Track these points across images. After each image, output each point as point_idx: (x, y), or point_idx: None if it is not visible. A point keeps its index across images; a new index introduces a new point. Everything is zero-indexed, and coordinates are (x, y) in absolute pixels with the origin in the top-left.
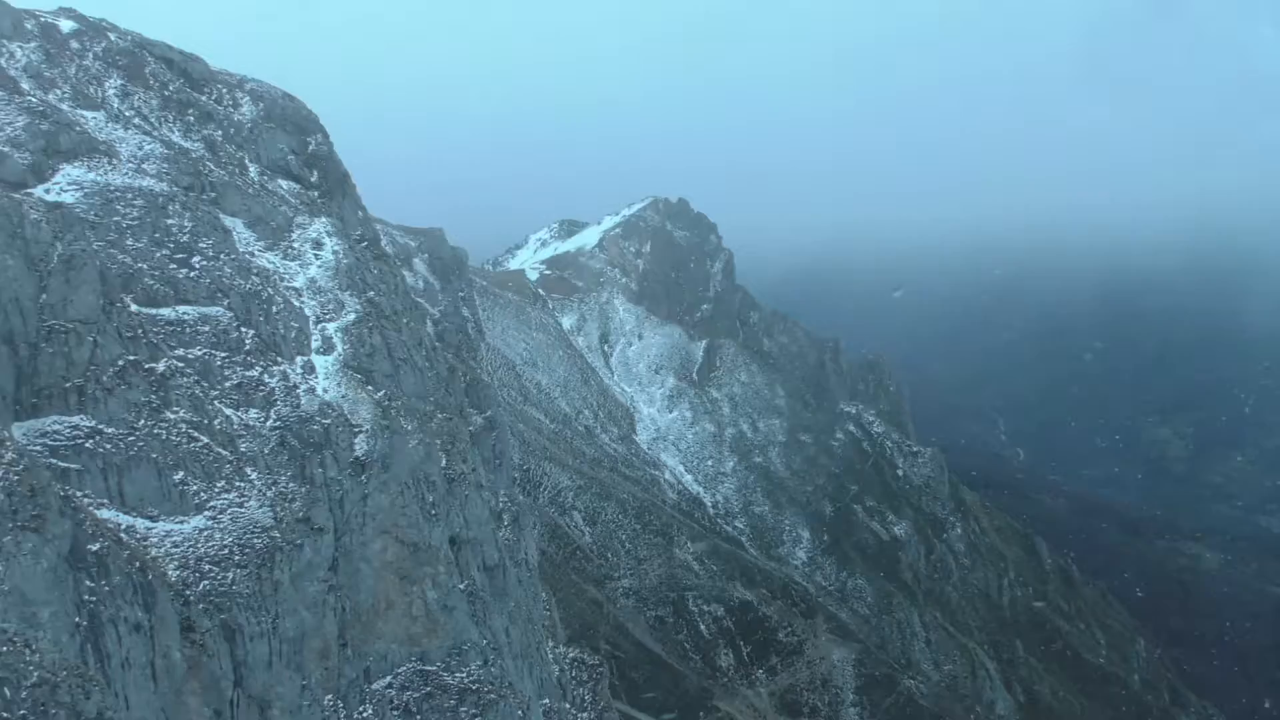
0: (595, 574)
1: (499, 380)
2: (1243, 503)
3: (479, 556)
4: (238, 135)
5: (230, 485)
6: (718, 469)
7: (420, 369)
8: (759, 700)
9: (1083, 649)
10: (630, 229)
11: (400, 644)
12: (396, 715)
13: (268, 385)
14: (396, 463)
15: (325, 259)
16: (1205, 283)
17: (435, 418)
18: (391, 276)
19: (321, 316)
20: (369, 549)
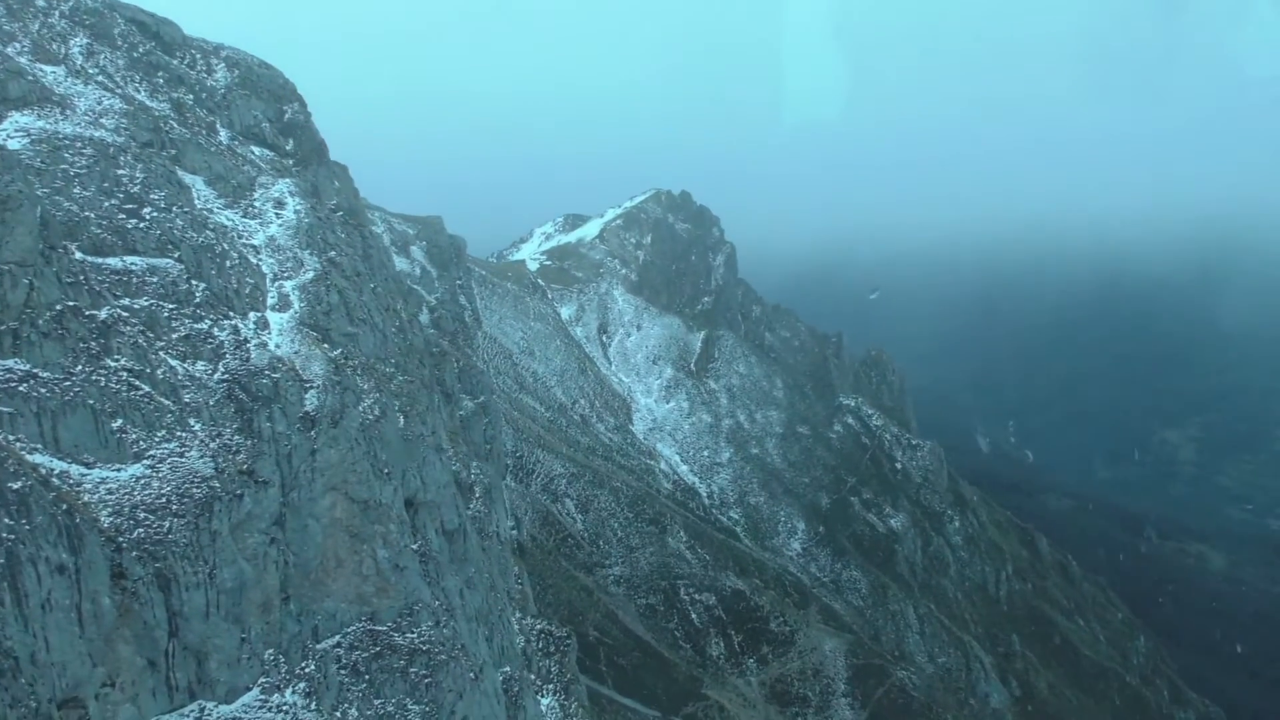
0: (586, 561)
1: (495, 368)
2: (1253, 505)
3: (437, 520)
4: (209, 100)
5: (171, 435)
6: (714, 459)
7: (382, 331)
8: (749, 689)
9: (1081, 644)
10: (631, 220)
11: (350, 603)
12: (344, 674)
13: (217, 338)
14: (347, 418)
15: (287, 218)
16: (1215, 284)
17: (395, 379)
18: (360, 241)
19: (279, 274)
20: (318, 505)
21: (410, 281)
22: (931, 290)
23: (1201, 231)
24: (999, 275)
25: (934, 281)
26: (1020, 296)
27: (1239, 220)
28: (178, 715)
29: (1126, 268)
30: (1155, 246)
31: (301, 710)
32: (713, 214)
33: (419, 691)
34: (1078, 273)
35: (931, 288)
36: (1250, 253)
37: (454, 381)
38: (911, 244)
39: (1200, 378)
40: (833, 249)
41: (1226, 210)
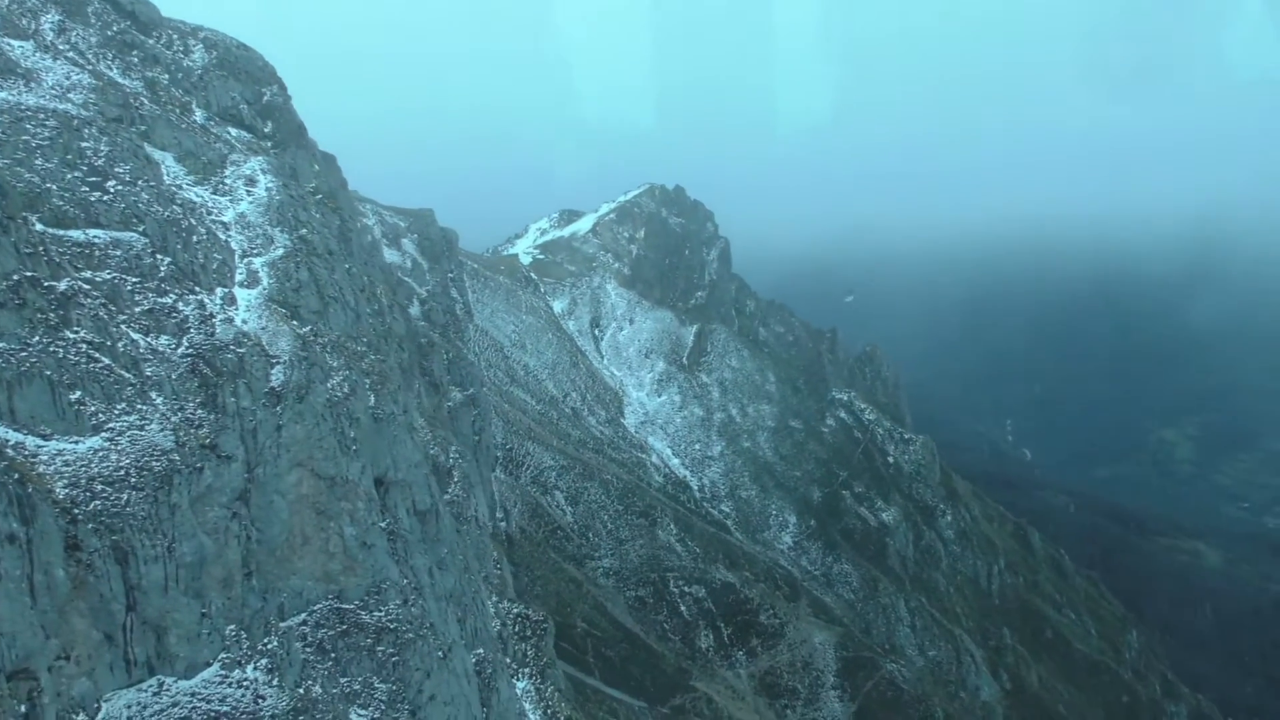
0: (575, 553)
1: (486, 361)
2: (1249, 504)
3: (408, 499)
4: (185, 80)
5: (131, 408)
6: (705, 453)
7: (355, 310)
8: (738, 682)
9: (1073, 638)
10: (624, 214)
11: (316, 580)
12: (310, 652)
13: (181, 313)
14: (314, 394)
15: (258, 195)
16: (1211, 282)
17: (367, 357)
18: (337, 224)
19: (249, 250)
20: (283, 481)
21: (401, 274)
22: (929, 290)
23: (1197, 230)
24: (997, 275)
25: (932, 281)
26: (1018, 296)
27: (1233, 219)
28: (136, 690)
29: (1123, 267)
30: (1151, 245)
31: (263, 686)
32: (706, 209)
33: (386, 670)
34: (1075, 272)
35: (929, 287)
36: (1244, 251)
37: (443, 372)
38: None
39: (1198, 376)
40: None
41: (1221, 209)
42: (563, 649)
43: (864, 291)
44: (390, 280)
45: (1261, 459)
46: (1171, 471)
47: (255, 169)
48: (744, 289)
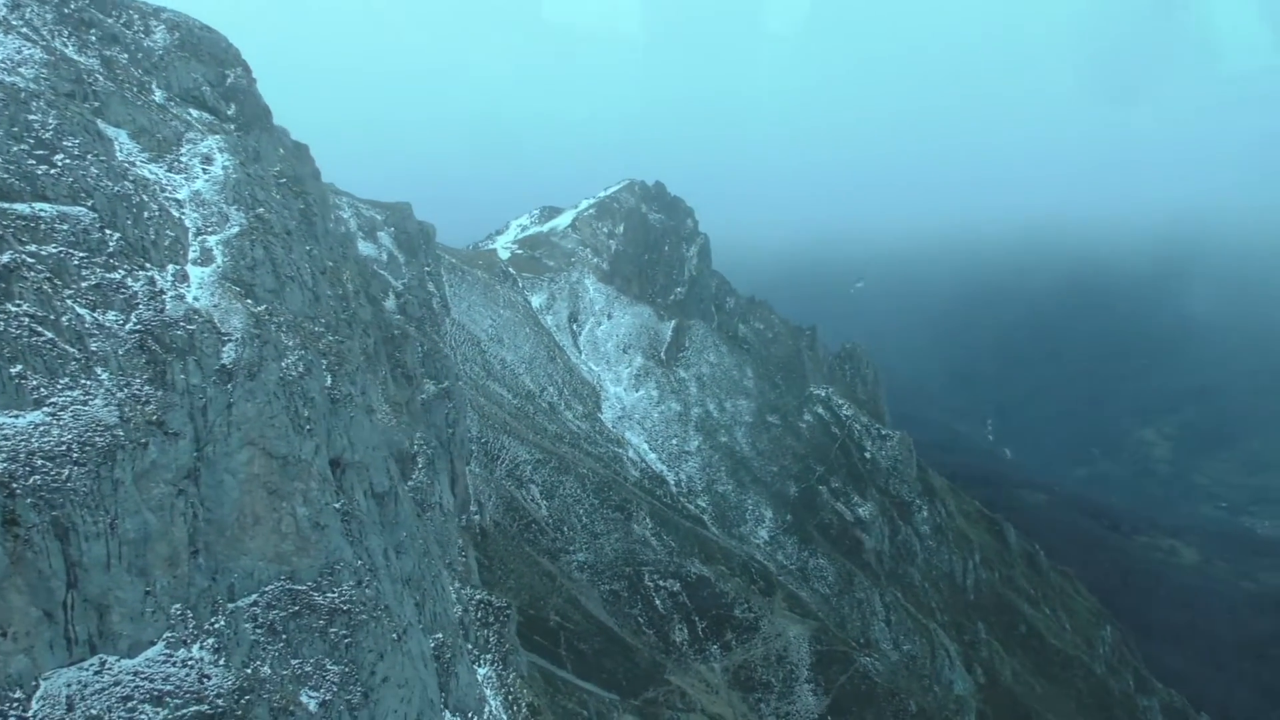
0: (550, 547)
1: (462, 355)
2: (1226, 503)
3: (365, 481)
4: (145, 60)
5: (75, 383)
6: (682, 447)
7: (313, 291)
8: (712, 675)
9: (1047, 633)
10: (604, 210)
11: (269, 561)
12: (260, 633)
13: (130, 289)
14: (265, 372)
15: (214, 173)
16: (1192, 282)
17: (325, 338)
18: (301, 207)
19: (203, 228)
20: (234, 460)
21: (377, 266)
22: (912, 291)
23: (1178, 230)
24: (979, 276)
25: (915, 282)
26: (1000, 297)
27: (1215, 218)
28: (77, 669)
29: (1104, 268)
30: (1132, 247)
31: (209, 666)
32: (687, 205)
33: (338, 651)
34: (1057, 274)
35: (912, 288)
36: (1225, 250)
37: (416, 364)
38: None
39: (1177, 377)
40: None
41: (1203, 208)
42: (535, 642)
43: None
44: (364, 271)
45: (1239, 459)
46: (1150, 471)
47: (212, 147)
48: (724, 286)
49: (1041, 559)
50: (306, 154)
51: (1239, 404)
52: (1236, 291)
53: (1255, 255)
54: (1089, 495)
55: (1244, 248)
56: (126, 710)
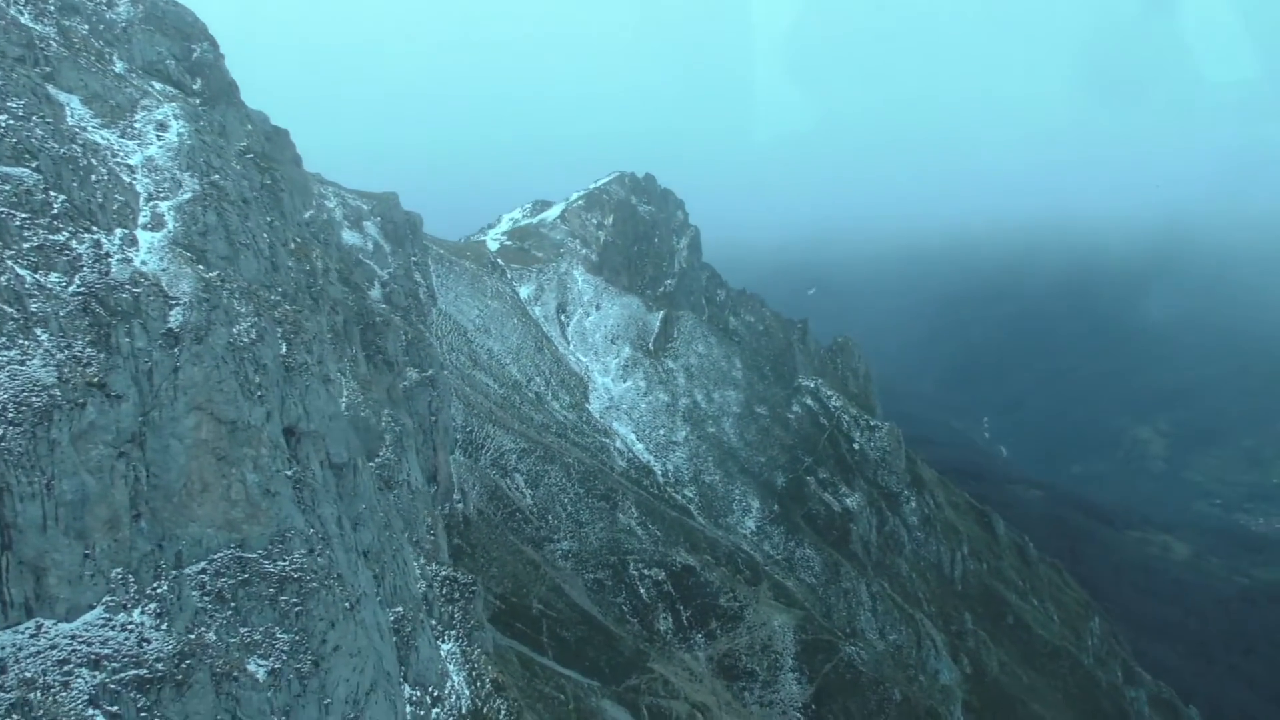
0: (534, 536)
1: (448, 345)
2: (1221, 500)
3: (322, 451)
4: (107, 33)
5: (12, 343)
6: (669, 438)
7: (270, 260)
8: (696, 664)
9: (1034, 624)
10: (593, 201)
11: (218, 528)
12: (209, 601)
13: (75, 251)
14: (213, 336)
15: (168, 140)
16: (1187, 282)
17: (280, 306)
18: (261, 179)
19: (155, 194)
20: (180, 425)
21: (362, 255)
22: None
23: (1171, 229)
24: (975, 274)
25: (910, 280)
26: (995, 295)
27: (1208, 218)
28: (12, 632)
29: (1099, 266)
30: (1127, 244)
31: (149, 630)
32: (677, 197)
33: (289, 620)
34: (1052, 273)
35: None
36: (1215, 251)
37: (399, 351)
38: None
39: (1172, 374)
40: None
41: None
42: (517, 629)
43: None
44: (347, 259)
45: (1233, 456)
46: (1145, 468)
47: (168, 114)
48: (715, 278)
49: (1030, 551)
50: (286, 139)
51: (1233, 401)
52: (1229, 290)
53: (1246, 255)
54: (1082, 491)
55: (1235, 248)
56: (62, 674)
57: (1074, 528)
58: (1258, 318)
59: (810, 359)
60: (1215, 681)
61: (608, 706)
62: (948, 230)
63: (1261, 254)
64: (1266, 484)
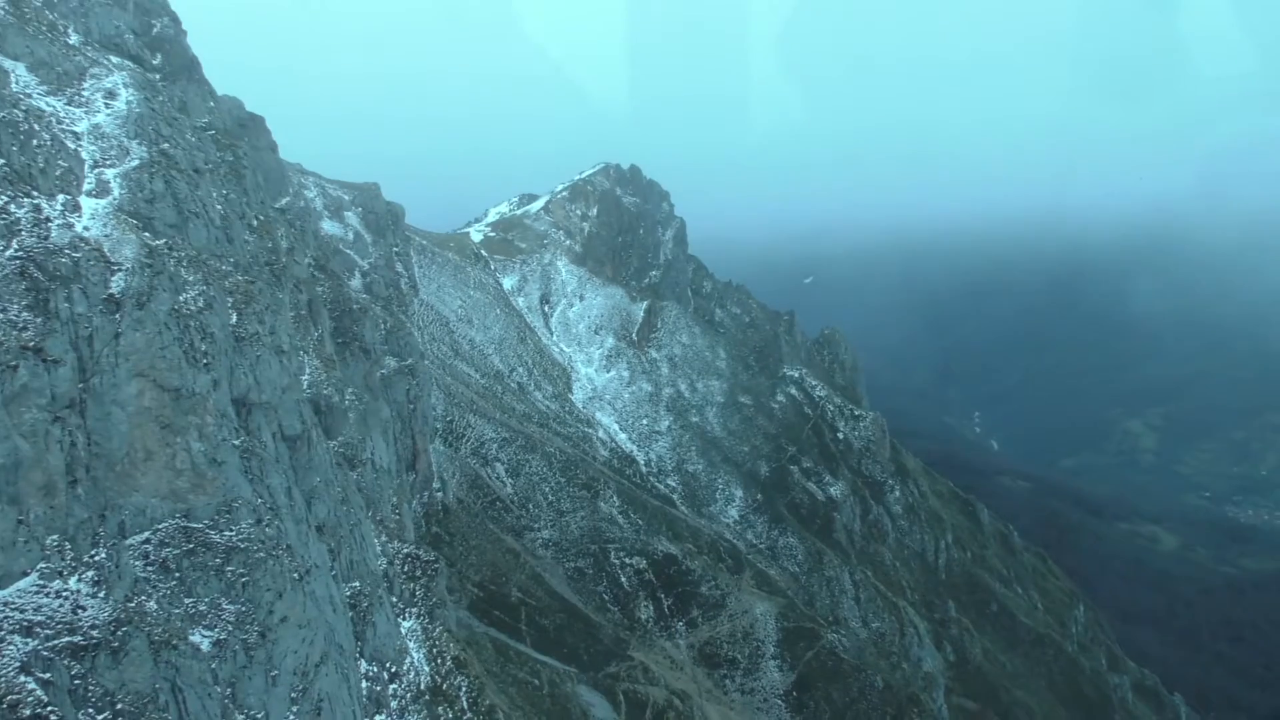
0: (515, 525)
1: (430, 335)
2: (1210, 493)
3: (274, 423)
4: (62, 5)
5: None
6: (653, 428)
7: (219, 228)
8: (677, 652)
9: (1018, 612)
10: (577, 193)
11: (163, 498)
12: (153, 571)
13: (12, 215)
14: (156, 301)
15: (117, 108)
16: (1179, 278)
17: (231, 276)
18: (219, 152)
19: (101, 161)
20: (122, 391)
21: (342, 245)
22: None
23: (1162, 225)
24: (966, 269)
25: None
26: (986, 291)
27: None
28: None
29: (1090, 261)
30: (1118, 240)
31: (85, 598)
32: (662, 189)
33: (234, 590)
34: (1044, 267)
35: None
36: (1205, 245)
37: (376, 339)
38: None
39: (1163, 367)
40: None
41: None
42: (495, 617)
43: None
44: (326, 248)
45: (1223, 448)
46: (1135, 461)
47: (118, 83)
48: (701, 270)
49: (1015, 539)
50: (261, 125)
51: (1223, 395)
52: (1219, 284)
53: (1237, 249)
54: (1071, 484)
55: (1224, 242)
56: None
57: (1062, 518)
58: (1248, 312)
59: (797, 350)
60: (1202, 670)
61: (583, 692)
62: (939, 225)
63: (1251, 248)
64: (1255, 476)
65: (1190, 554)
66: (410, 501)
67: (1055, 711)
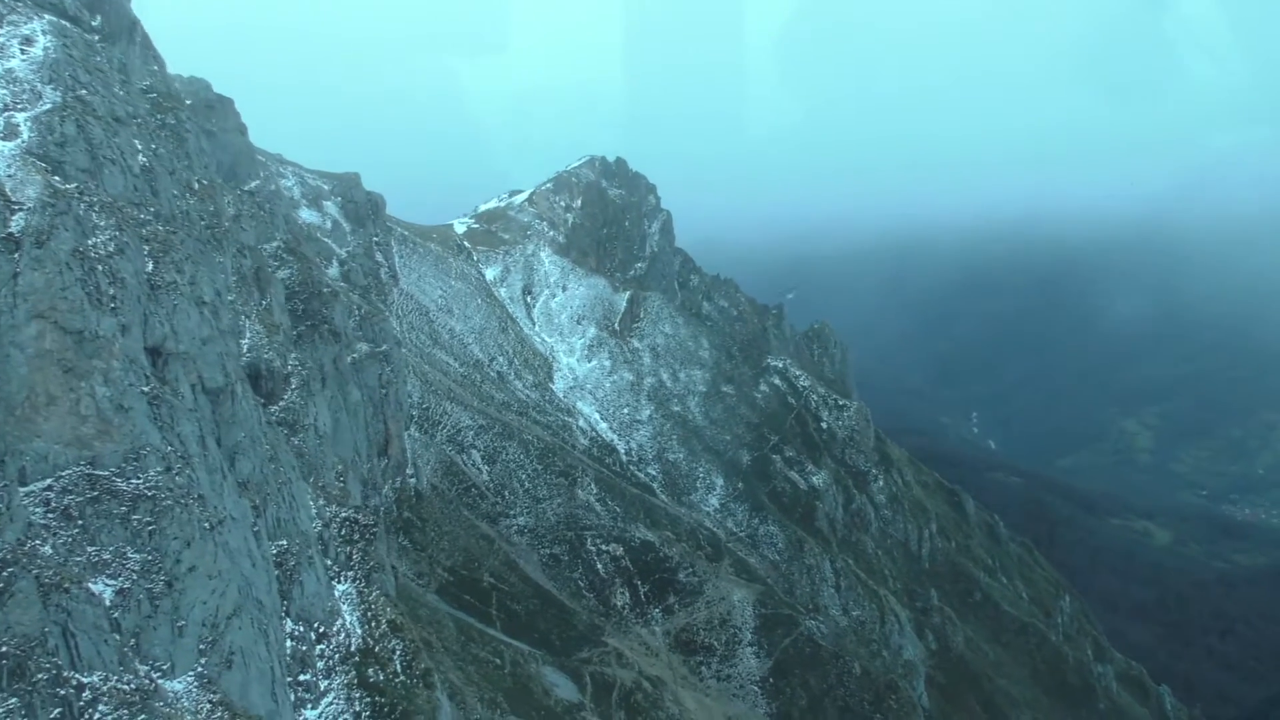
0: (490, 511)
1: (409, 324)
2: (1207, 491)
3: (193, 374)
4: None
5: None
6: (633, 416)
7: (139, 177)
8: (653, 638)
9: (1002, 601)
10: (561, 184)
11: (66, 445)
12: (54, 518)
13: None
14: (57, 241)
15: (33, 54)
16: (1174, 278)
17: (150, 225)
18: (144, 105)
19: (11, 105)
20: (21, 333)
21: (320, 234)
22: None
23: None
24: (964, 271)
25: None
26: (983, 290)
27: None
28: None
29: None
30: (1114, 239)
31: None
32: (649, 181)
33: (140, 539)
34: (1040, 268)
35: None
36: (1204, 245)
37: (346, 323)
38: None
39: (1160, 367)
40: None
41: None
42: (465, 601)
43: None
44: (297, 232)
45: (1220, 447)
46: (1132, 460)
47: (36, 30)
48: (689, 264)
49: (1001, 530)
50: (230, 107)
51: (1220, 394)
52: (1215, 285)
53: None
54: (1064, 480)
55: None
56: None
57: (1052, 511)
58: (1245, 311)
59: (785, 344)
60: (1192, 663)
61: (549, 673)
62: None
63: (1246, 249)
64: (1252, 475)
65: (1183, 549)
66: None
67: (1038, 700)
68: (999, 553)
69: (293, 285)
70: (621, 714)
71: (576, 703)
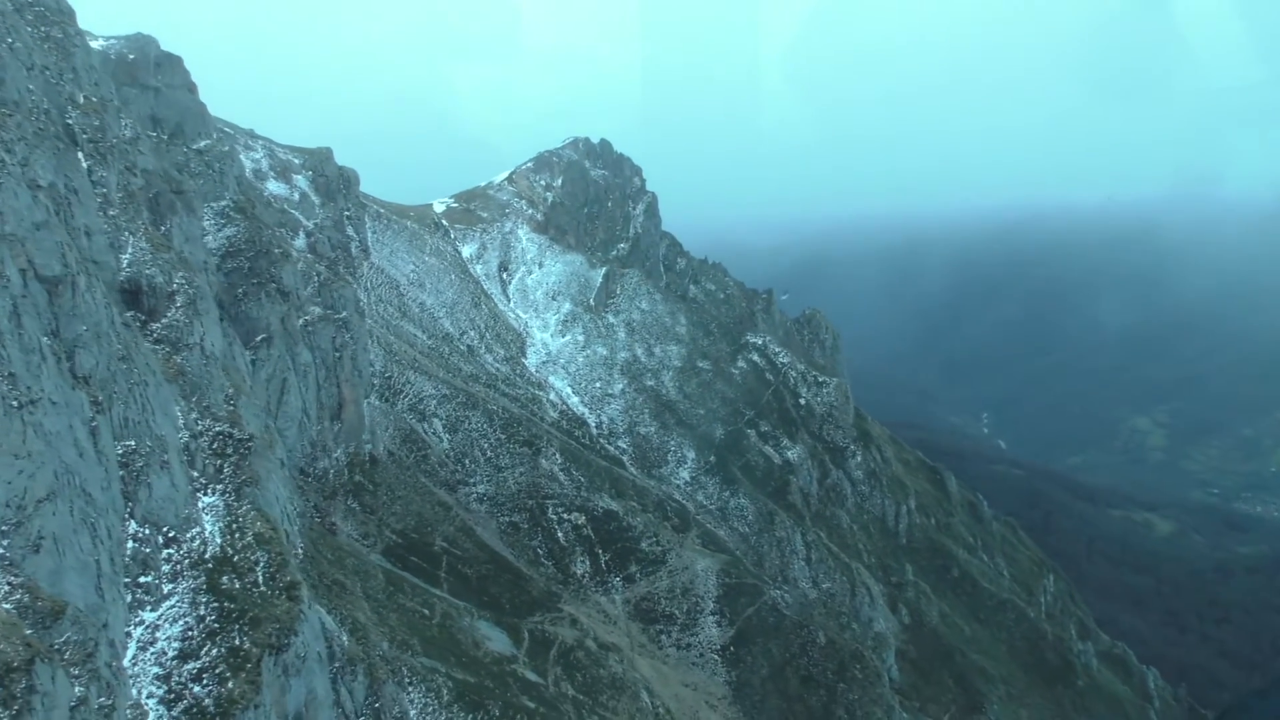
0: (449, 479)
1: (378, 296)
2: (1218, 490)
3: (22, 257)
4: None
5: None
6: (606, 390)
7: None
8: (612, 607)
9: (981, 578)
10: (542, 164)
11: None
12: None
13: None
14: None
15: None
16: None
17: None
18: (10, 8)
19: None
20: None
21: (287, 205)
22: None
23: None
24: (974, 271)
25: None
26: (993, 290)
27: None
28: None
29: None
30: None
31: None
32: (634, 164)
33: None
34: (1051, 267)
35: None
36: (1216, 244)
37: (296, 284)
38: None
39: (1171, 365)
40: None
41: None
42: (411, 563)
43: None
44: (253, 195)
45: (1231, 445)
46: (1143, 459)
47: None
48: (675, 246)
49: (984, 508)
50: (179, 65)
51: (1232, 391)
52: (1227, 283)
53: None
54: (1067, 473)
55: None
56: None
57: (1048, 499)
58: (1257, 309)
59: (775, 329)
60: (1186, 649)
61: (483, 627)
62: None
63: (1257, 247)
64: (1264, 473)
65: (1184, 540)
66: (310, 431)
67: (1014, 675)
68: (981, 531)
69: (238, 243)
70: (558, 669)
71: (509, 655)
